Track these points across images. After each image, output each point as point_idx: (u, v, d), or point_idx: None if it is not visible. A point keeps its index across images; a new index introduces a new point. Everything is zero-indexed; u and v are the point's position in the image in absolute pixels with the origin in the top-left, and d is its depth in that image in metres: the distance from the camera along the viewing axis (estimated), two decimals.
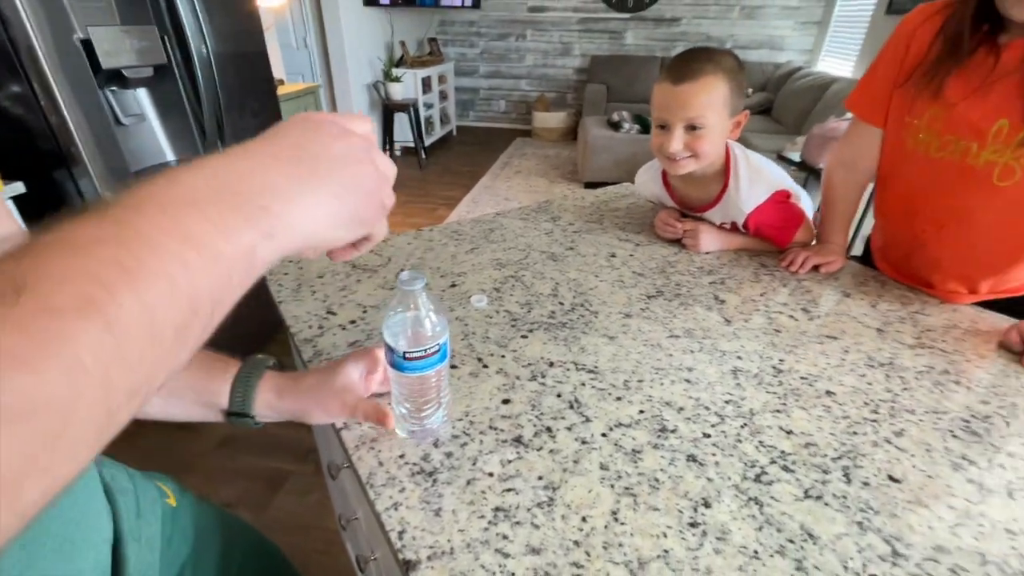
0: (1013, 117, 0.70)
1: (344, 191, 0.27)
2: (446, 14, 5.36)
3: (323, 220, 0.26)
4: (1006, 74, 0.70)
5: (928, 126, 0.79)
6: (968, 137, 0.75)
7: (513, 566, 0.41)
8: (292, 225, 0.24)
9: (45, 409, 0.14)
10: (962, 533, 0.45)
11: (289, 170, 0.25)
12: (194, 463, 1.58)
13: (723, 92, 0.78)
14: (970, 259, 0.84)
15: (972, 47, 0.72)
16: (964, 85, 0.74)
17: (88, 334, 0.15)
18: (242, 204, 0.22)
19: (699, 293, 0.82)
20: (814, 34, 4.85)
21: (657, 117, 0.84)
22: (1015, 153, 0.71)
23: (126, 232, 0.18)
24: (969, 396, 0.62)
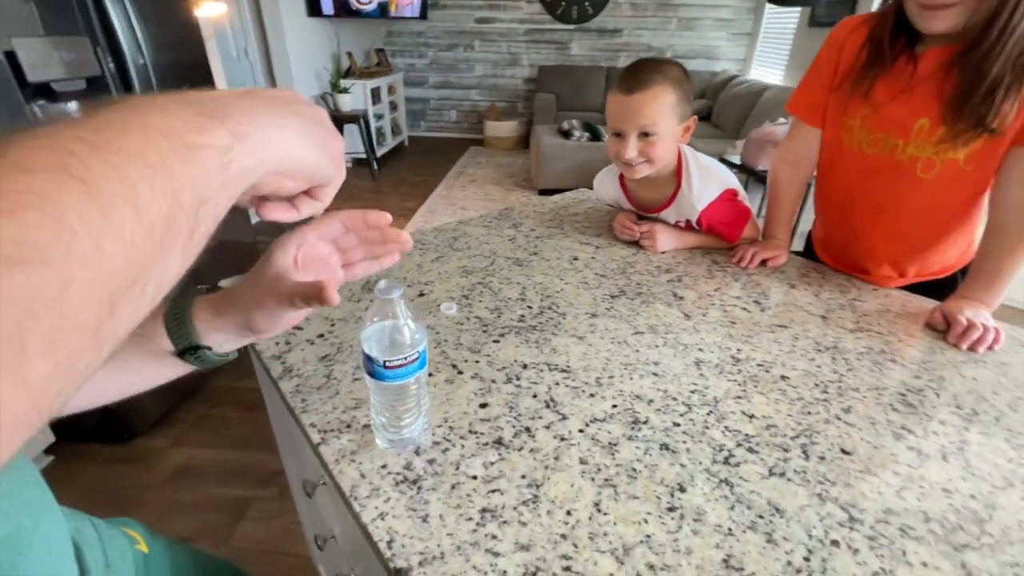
0: (932, 116, 0.79)
1: (305, 120, 0.28)
2: (393, 25, 5.33)
3: (294, 139, 0.27)
4: (924, 80, 0.78)
5: (861, 125, 0.87)
6: (895, 134, 0.83)
7: (504, 564, 0.42)
8: (263, 132, 0.24)
9: (38, 258, 0.14)
10: (907, 496, 0.49)
11: (246, 98, 0.25)
12: (144, 498, 1.48)
13: (671, 100, 0.83)
14: (899, 245, 0.93)
15: (894, 55, 0.80)
16: (890, 88, 0.82)
17: (69, 192, 0.15)
18: (208, 111, 0.22)
19: (659, 291, 0.86)
20: (746, 44, 5.15)
21: (612, 126, 0.88)
22: (935, 148, 0.80)
23: (91, 122, 0.18)
24: (904, 372, 0.68)
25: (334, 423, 0.57)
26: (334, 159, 0.31)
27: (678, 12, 5.10)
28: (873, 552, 0.44)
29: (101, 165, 0.17)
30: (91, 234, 0.16)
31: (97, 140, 0.17)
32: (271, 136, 0.25)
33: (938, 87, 0.77)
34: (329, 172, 0.31)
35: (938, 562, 0.43)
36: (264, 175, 0.25)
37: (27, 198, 0.14)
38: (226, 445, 1.65)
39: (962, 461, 0.54)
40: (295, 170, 0.28)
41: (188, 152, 0.20)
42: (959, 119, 0.75)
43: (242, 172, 0.23)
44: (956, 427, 0.58)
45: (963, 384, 0.66)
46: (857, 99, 0.85)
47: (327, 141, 0.30)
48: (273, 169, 0.26)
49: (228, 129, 0.23)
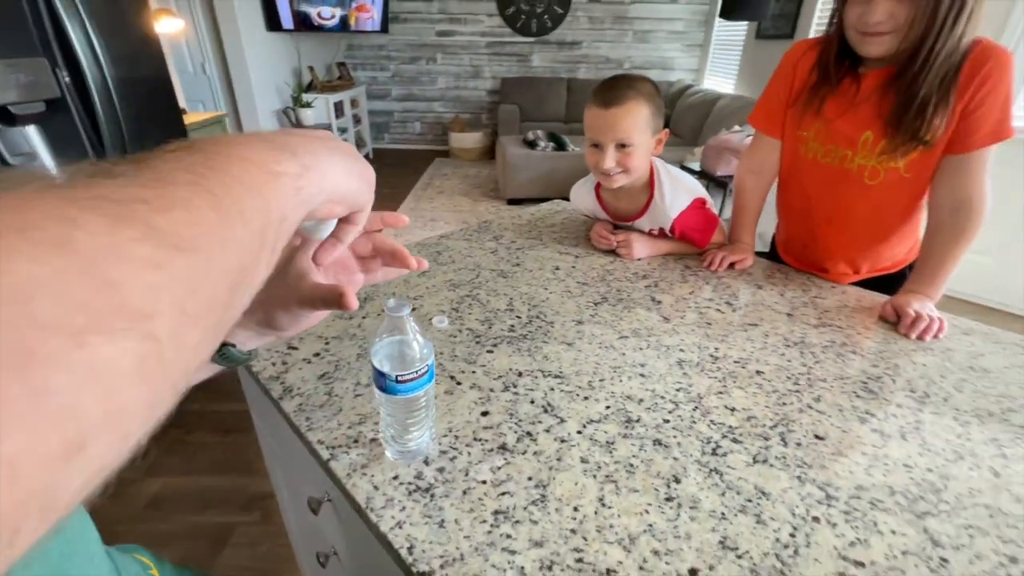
0: (875, 130, 0.88)
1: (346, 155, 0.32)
2: (354, 38, 5.31)
3: (341, 171, 0.31)
4: (866, 98, 0.87)
5: (814, 137, 0.96)
6: (844, 146, 0.92)
7: (521, 560, 0.45)
8: (320, 166, 0.29)
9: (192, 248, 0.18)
10: (874, 473, 0.55)
11: (300, 137, 0.30)
12: (118, 532, 1.43)
13: (645, 114, 0.89)
14: (853, 245, 1.02)
15: (840, 77, 0.89)
16: (838, 106, 0.91)
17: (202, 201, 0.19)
18: (276, 146, 0.26)
19: (638, 296, 0.91)
20: (698, 55, 5.39)
21: (590, 138, 0.93)
22: (879, 159, 0.89)
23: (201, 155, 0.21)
24: (863, 362, 0.74)
25: (341, 439, 0.58)
26: (370, 187, 0.35)
27: (633, 25, 5.29)
28: (849, 525, 0.49)
29: (220, 184, 0.21)
30: (219, 235, 0.19)
31: (211, 164, 0.21)
32: (326, 169, 0.29)
33: (878, 104, 0.85)
34: (367, 198, 0.35)
35: (904, 529, 0.49)
36: (322, 202, 0.29)
37: (177, 202, 0.18)
38: (203, 471, 1.61)
39: (919, 439, 0.60)
40: (343, 197, 0.32)
41: (273, 178, 0.24)
42: (897, 133, 0.83)
43: (308, 197, 0.27)
44: (911, 409, 0.65)
45: (915, 370, 0.73)
46: (810, 115, 0.93)
47: (363, 171, 0.34)
48: (327, 197, 0.30)
49: (298, 161, 0.27)
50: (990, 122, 0.79)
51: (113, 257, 0.15)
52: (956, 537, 0.48)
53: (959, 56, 0.77)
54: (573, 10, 5.23)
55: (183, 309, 0.17)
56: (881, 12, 0.77)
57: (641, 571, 0.44)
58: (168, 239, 0.17)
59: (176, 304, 0.16)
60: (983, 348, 0.78)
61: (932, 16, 0.74)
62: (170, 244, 0.17)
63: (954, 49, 0.76)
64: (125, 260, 0.15)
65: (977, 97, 0.78)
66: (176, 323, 0.16)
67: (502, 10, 5.22)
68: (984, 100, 0.78)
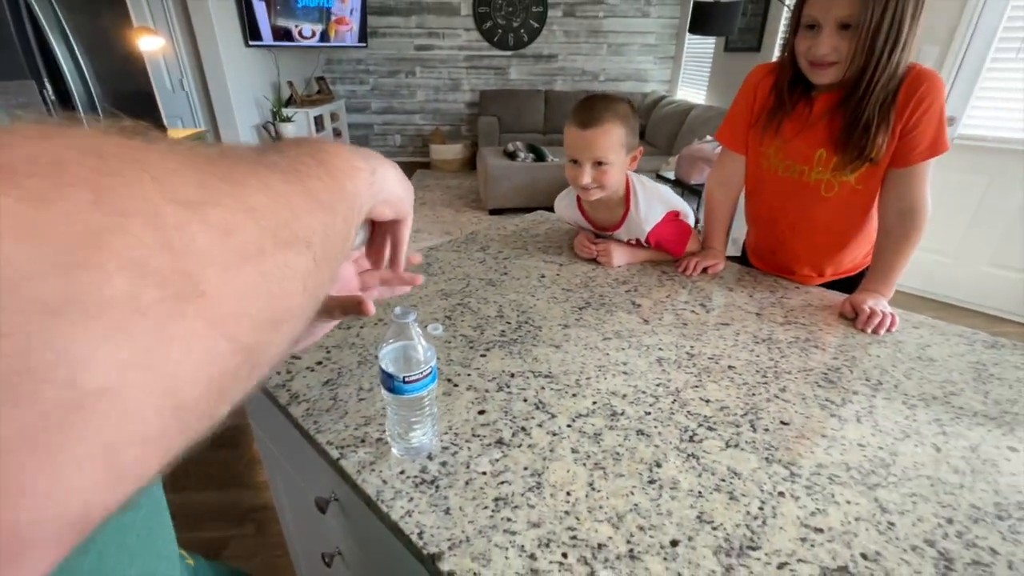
0: (827, 147, 0.96)
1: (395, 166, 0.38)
2: (332, 52, 5.35)
3: (394, 179, 0.37)
4: (818, 119, 0.96)
5: (775, 154, 1.04)
6: (801, 162, 1.01)
7: (520, 540, 0.50)
8: (383, 173, 0.34)
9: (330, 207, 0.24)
10: (832, 452, 0.62)
11: (360, 150, 0.35)
12: None
13: (620, 134, 0.96)
14: (815, 251, 1.10)
15: (794, 101, 0.98)
16: (794, 126, 1.00)
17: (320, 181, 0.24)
18: (351, 150, 0.31)
19: (619, 300, 0.97)
20: (670, 67, 5.56)
21: (569, 154, 0.99)
22: (832, 174, 0.98)
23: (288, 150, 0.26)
24: (824, 355, 0.81)
25: (349, 439, 0.62)
26: (412, 197, 0.41)
27: (608, 38, 5.44)
28: (810, 498, 0.55)
29: (323, 171, 0.25)
30: (339, 202, 0.25)
31: (319, 158, 0.26)
32: (385, 173, 0.35)
33: (829, 125, 0.94)
34: (409, 207, 0.40)
35: (858, 499, 0.55)
36: (380, 200, 0.35)
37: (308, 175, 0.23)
38: (193, 487, 1.61)
39: (872, 421, 0.67)
40: (395, 201, 0.37)
41: (356, 172, 0.30)
42: (846, 151, 0.92)
43: (374, 193, 0.33)
44: (866, 395, 0.72)
45: (870, 361, 0.80)
46: (769, 134, 1.02)
47: (408, 183, 0.40)
48: (385, 198, 0.35)
49: (369, 163, 0.32)
50: (927, 139, 0.88)
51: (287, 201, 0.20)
52: (902, 504, 0.55)
53: (897, 81, 0.86)
54: (549, 24, 5.36)
55: (324, 249, 0.22)
56: (826, 46, 0.86)
57: (628, 544, 0.50)
58: (314, 195, 0.23)
59: (321, 242, 0.22)
60: (930, 339, 0.86)
61: (871, 49, 0.83)
62: (315, 200, 0.23)
63: (892, 76, 0.85)
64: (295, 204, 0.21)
65: (914, 117, 0.87)
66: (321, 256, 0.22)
67: (479, 24, 5.32)
68: (920, 120, 0.87)
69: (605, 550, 0.49)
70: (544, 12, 5.28)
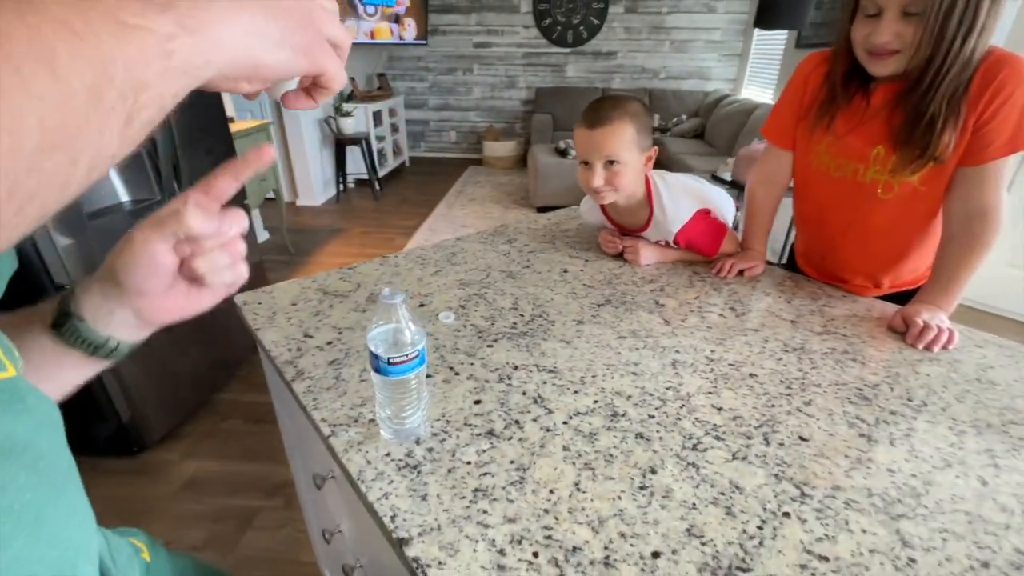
0: (886, 144, 0.87)
1: (272, 9, 0.27)
2: (394, 50, 5.51)
3: (250, 34, 0.26)
4: (876, 113, 0.87)
5: (826, 151, 0.95)
6: (855, 160, 0.91)
7: (493, 534, 0.48)
8: (212, 30, 0.24)
9: None
10: (854, 475, 0.55)
11: None
12: (156, 509, 1.53)
13: (631, 133, 0.91)
14: (870, 259, 1.00)
15: (850, 93, 0.89)
16: (848, 120, 0.91)
17: None
18: None
19: (642, 299, 0.93)
20: (736, 65, 5.31)
21: (580, 156, 0.96)
22: (891, 174, 0.88)
23: None
24: (863, 370, 0.74)
25: (342, 418, 0.63)
26: (307, 54, 0.29)
27: (671, 35, 5.27)
28: (819, 522, 0.50)
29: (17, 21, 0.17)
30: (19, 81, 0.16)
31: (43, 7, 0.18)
32: (223, 36, 0.24)
33: (888, 119, 0.85)
34: (300, 69, 0.30)
35: (876, 529, 0.49)
36: (214, 77, 0.25)
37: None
38: (234, 457, 1.70)
39: (907, 446, 0.60)
40: (250, 73, 0.27)
41: (122, 30, 0.20)
42: (906, 148, 0.83)
43: (188, 67, 0.23)
44: (905, 417, 0.64)
45: (916, 380, 0.72)
46: (820, 130, 0.93)
47: (294, 36, 0.28)
48: (223, 72, 0.25)
49: (171, 18, 0.22)
50: (1005, 133, 0.77)
51: None
52: (928, 539, 0.48)
53: (970, 70, 0.76)
54: (609, 21, 5.25)
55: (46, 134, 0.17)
56: (888, 33, 0.77)
57: (606, 550, 0.47)
58: None
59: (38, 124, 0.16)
60: (994, 361, 0.76)
61: (940, 35, 0.73)
62: None
63: (966, 65, 0.75)
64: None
65: (991, 109, 0.77)
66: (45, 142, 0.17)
67: (538, 21, 5.30)
68: (998, 111, 0.77)
69: (579, 553, 0.46)
70: (605, 8, 5.19)
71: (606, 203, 1.00)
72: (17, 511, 0.24)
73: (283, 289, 0.94)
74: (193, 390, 1.88)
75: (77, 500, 0.30)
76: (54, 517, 0.27)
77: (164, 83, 0.22)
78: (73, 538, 0.29)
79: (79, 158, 0.19)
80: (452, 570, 0.45)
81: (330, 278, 1.00)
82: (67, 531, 0.28)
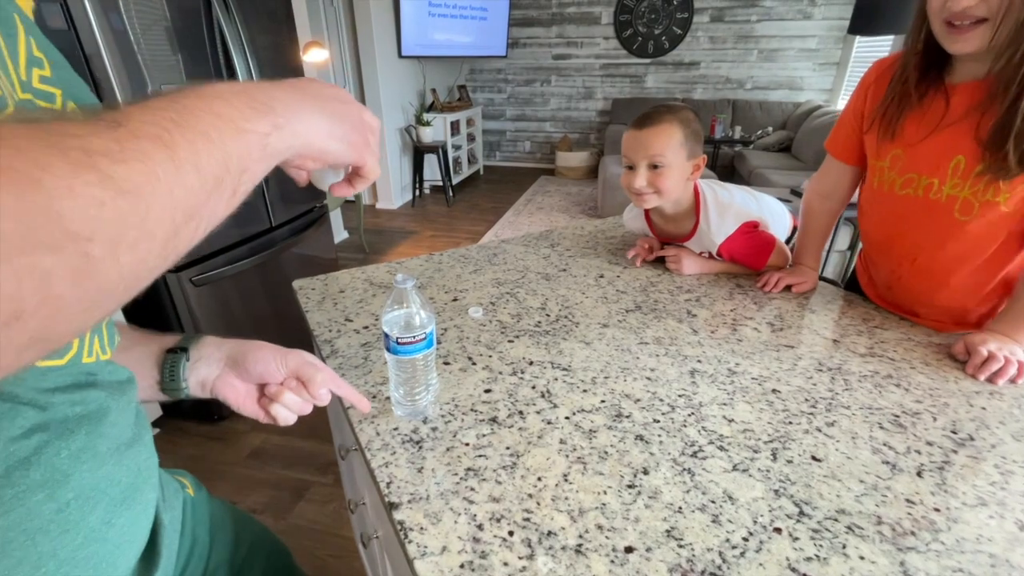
0: (967, 154, 0.75)
1: (334, 116, 0.37)
2: (475, 62, 5.72)
3: (319, 130, 0.35)
4: (957, 116, 0.76)
5: (892, 165, 0.85)
6: (929, 173, 0.80)
7: (475, 510, 0.51)
8: (295, 126, 0.33)
9: (136, 192, 0.22)
10: (865, 501, 0.52)
11: (291, 93, 0.34)
12: (225, 471, 1.70)
13: (679, 136, 0.90)
14: (943, 293, 0.87)
15: (923, 91, 0.79)
16: (921, 126, 0.80)
17: (158, 154, 0.24)
18: (255, 103, 0.30)
19: (673, 308, 0.91)
20: (833, 74, 4.95)
21: (624, 158, 0.96)
22: (972, 187, 0.76)
23: (177, 105, 0.26)
24: (905, 396, 0.68)
25: (363, 393, 0.68)
26: (355, 149, 0.39)
27: (759, 44, 5.03)
28: (813, 542, 0.47)
29: (182, 138, 0.25)
30: (168, 182, 0.24)
31: (180, 120, 0.25)
32: (300, 128, 0.33)
33: (973, 124, 0.74)
34: (349, 159, 0.40)
35: (876, 557, 0.46)
36: (292, 157, 0.34)
37: (135, 154, 0.23)
38: (295, 433, 1.86)
39: (937, 479, 0.55)
40: (316, 156, 0.37)
41: (239, 134, 0.28)
42: (996, 157, 0.71)
43: (276, 153, 0.32)
44: (943, 449, 0.59)
45: (968, 412, 0.65)
46: (887, 141, 0.84)
47: (348, 135, 0.38)
48: (299, 153, 0.35)
49: (270, 120, 0.30)
50: None
51: (68, 195, 0.20)
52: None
53: None
54: (693, 30, 5.12)
55: (121, 236, 0.22)
56: None
57: (580, 539, 0.48)
58: (117, 184, 0.21)
59: (112, 232, 0.21)
60: None
61: None
62: (116, 188, 0.21)
63: None
64: (77, 197, 0.20)
65: None
66: (111, 246, 0.21)
67: (619, 33, 5.28)
68: None
69: (553, 538, 0.48)
70: (689, 18, 5.06)
71: (648, 207, 0.99)
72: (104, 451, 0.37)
73: (335, 278, 1.03)
74: None
75: (147, 441, 0.43)
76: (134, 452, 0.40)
77: (260, 166, 0.30)
78: (142, 468, 0.41)
79: (201, 224, 0.27)
80: (431, 536, 0.48)
81: (378, 271, 1.08)
82: (137, 461, 0.41)
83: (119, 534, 0.38)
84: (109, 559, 0.37)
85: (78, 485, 0.34)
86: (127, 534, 0.39)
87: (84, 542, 0.34)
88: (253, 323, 1.92)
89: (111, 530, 0.37)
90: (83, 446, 0.35)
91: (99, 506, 0.36)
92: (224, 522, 0.61)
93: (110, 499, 0.37)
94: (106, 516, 0.36)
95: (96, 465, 0.35)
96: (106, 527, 0.36)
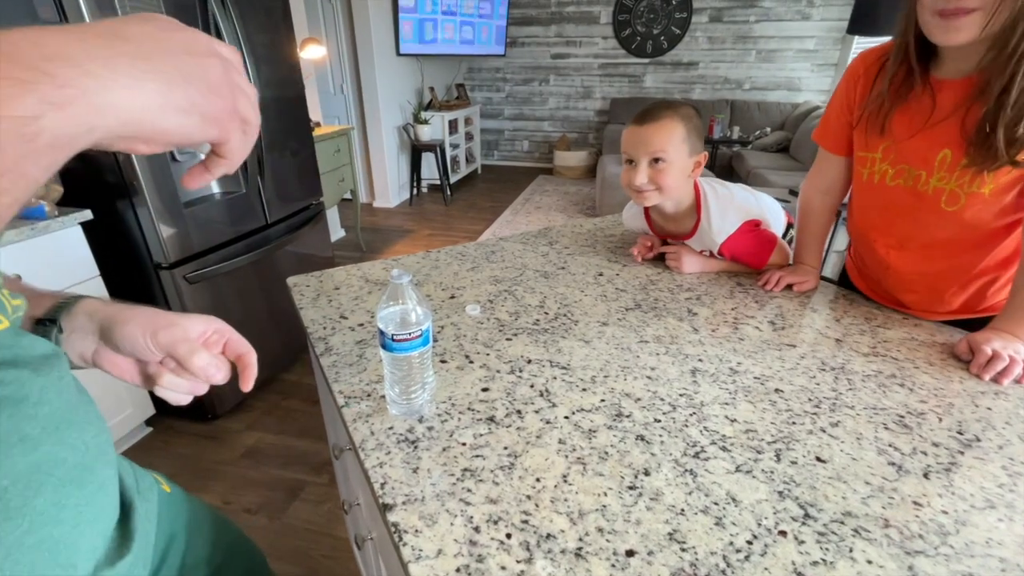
0: (954, 148, 0.76)
1: (179, 77, 0.26)
2: (473, 61, 5.70)
3: (149, 100, 0.25)
4: (945, 116, 0.76)
5: (882, 157, 0.86)
6: (917, 165, 0.81)
7: (472, 511, 0.49)
8: (99, 97, 0.23)
9: None
10: (872, 503, 0.51)
11: (101, 43, 0.23)
12: (219, 471, 1.68)
13: (681, 132, 0.88)
14: (927, 282, 0.89)
15: (911, 88, 0.79)
16: (910, 120, 0.80)
17: None
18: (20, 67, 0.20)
19: (674, 307, 0.90)
20: (831, 75, 4.96)
21: (625, 154, 0.94)
22: (958, 180, 0.77)
23: None
24: (910, 396, 0.67)
25: (358, 392, 0.67)
26: (213, 122, 0.29)
27: (757, 44, 5.03)
28: (819, 545, 0.46)
29: None
30: None
31: None
32: (110, 99, 0.23)
33: (960, 118, 0.74)
34: (205, 136, 0.29)
35: (884, 562, 0.45)
36: (103, 139, 0.24)
37: None
38: (290, 433, 1.84)
39: (944, 481, 0.54)
40: (148, 136, 0.26)
41: None
42: (982, 149, 0.72)
43: (60, 141, 0.22)
44: (950, 450, 0.58)
45: (973, 413, 0.64)
46: (875, 133, 0.85)
47: (200, 103, 0.27)
48: (112, 134, 0.24)
49: (40, 96, 0.21)
50: None
51: None
52: None
53: None
54: (692, 30, 5.12)
55: None
56: None
57: (580, 542, 0.46)
58: None
59: None
60: None
61: None
62: None
63: None
64: None
65: None
66: None
67: (618, 32, 5.27)
68: None
69: (552, 541, 0.46)
70: (688, 18, 5.06)
71: (649, 204, 0.98)
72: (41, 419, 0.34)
73: (330, 275, 1.02)
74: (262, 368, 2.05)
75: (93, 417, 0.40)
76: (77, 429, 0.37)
77: (27, 163, 0.21)
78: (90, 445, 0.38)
79: None
80: (427, 539, 0.47)
81: (374, 267, 1.06)
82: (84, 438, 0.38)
83: (74, 514, 0.36)
84: (67, 540, 0.35)
85: (11, 471, 0.31)
86: (84, 514, 0.37)
87: (32, 527, 0.32)
88: (248, 321, 1.90)
89: (63, 511, 0.35)
90: (8, 430, 0.32)
91: (45, 488, 0.33)
92: (202, 522, 0.59)
93: (57, 480, 0.34)
94: (55, 498, 0.34)
95: (29, 448, 0.33)
96: (57, 508, 0.34)
